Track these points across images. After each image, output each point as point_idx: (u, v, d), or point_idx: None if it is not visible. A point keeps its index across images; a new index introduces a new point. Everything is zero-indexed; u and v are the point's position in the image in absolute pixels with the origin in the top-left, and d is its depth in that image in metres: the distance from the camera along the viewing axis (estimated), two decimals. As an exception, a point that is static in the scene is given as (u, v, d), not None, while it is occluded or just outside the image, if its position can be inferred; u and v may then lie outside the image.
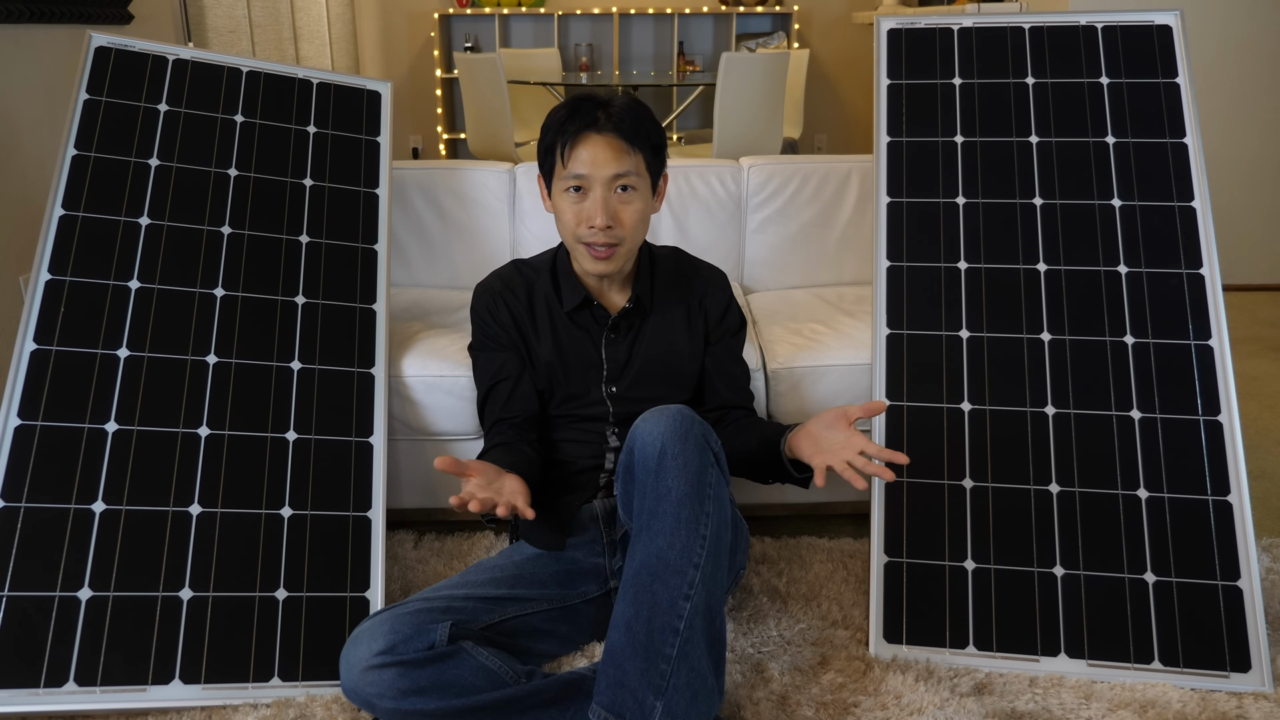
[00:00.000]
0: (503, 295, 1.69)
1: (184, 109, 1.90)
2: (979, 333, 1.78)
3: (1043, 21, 1.96)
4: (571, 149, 1.54)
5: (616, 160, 1.53)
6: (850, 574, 1.88)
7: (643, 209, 1.58)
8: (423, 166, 2.46)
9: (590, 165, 1.53)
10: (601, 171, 1.53)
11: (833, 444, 1.45)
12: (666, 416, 1.38)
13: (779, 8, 5.92)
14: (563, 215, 1.58)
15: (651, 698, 1.26)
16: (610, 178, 1.53)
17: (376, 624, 1.38)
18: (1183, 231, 1.80)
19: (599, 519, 1.63)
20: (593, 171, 1.53)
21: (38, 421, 1.61)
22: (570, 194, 1.56)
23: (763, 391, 1.95)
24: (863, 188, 2.44)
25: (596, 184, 1.53)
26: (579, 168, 1.53)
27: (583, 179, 1.54)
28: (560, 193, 1.58)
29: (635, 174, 1.55)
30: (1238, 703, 1.49)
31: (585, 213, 1.55)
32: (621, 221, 1.56)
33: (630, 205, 1.56)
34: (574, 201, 1.56)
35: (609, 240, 1.55)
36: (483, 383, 1.71)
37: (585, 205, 1.55)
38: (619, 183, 1.54)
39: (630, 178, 1.55)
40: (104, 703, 1.47)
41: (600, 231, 1.54)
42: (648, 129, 1.57)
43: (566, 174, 1.55)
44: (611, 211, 1.54)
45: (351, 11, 5.13)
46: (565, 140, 1.54)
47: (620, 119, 1.54)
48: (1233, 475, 1.65)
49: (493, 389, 1.68)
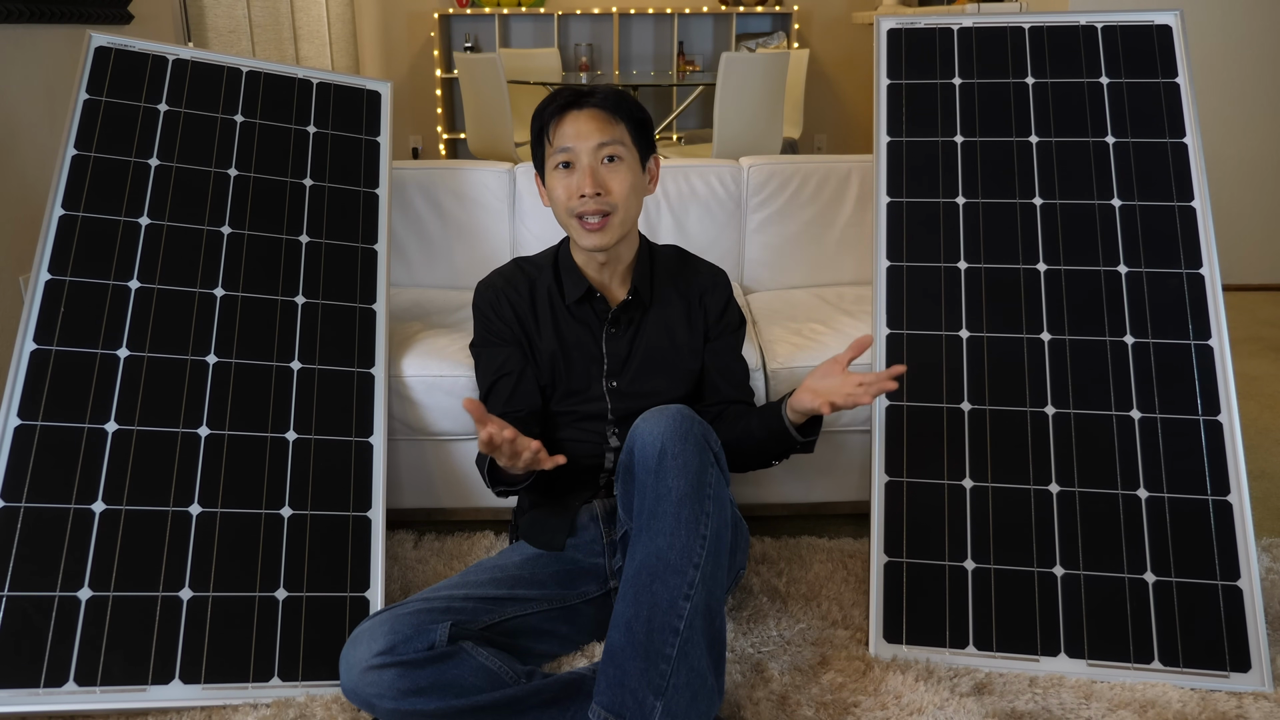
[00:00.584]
0: (505, 291, 1.70)
1: (184, 109, 1.90)
2: (979, 333, 1.78)
3: (1043, 21, 1.96)
4: (556, 126, 1.59)
5: (600, 130, 1.57)
6: (850, 574, 1.88)
7: (632, 180, 1.60)
8: (423, 166, 2.46)
9: (575, 138, 1.57)
10: (586, 142, 1.57)
11: (830, 387, 1.49)
12: (667, 416, 1.38)
13: (779, 8, 5.92)
14: (555, 193, 1.61)
15: (651, 697, 1.26)
16: (595, 147, 1.57)
17: (376, 624, 1.38)
18: (1183, 231, 1.80)
19: (599, 519, 1.63)
20: (577, 144, 1.57)
21: (38, 421, 1.61)
22: (560, 170, 1.60)
23: (762, 391, 1.95)
24: (863, 188, 2.44)
25: (583, 155, 1.57)
26: (564, 141, 1.58)
27: (569, 152, 1.58)
28: (551, 172, 1.61)
29: (620, 144, 1.58)
30: (1238, 703, 1.49)
31: (574, 184, 1.58)
32: (610, 189, 1.58)
33: (617, 174, 1.58)
34: (563, 177, 1.59)
35: (600, 208, 1.57)
36: (485, 379, 1.70)
37: (573, 178, 1.58)
38: (605, 152, 1.58)
39: (615, 147, 1.58)
40: (104, 703, 1.48)
41: (590, 200, 1.56)
42: (629, 105, 1.62)
43: (554, 150, 1.59)
44: (600, 180, 1.57)
45: (351, 11, 5.12)
46: (549, 118, 1.60)
47: (603, 96, 1.59)
48: (1233, 475, 1.65)
49: (495, 384, 1.68)
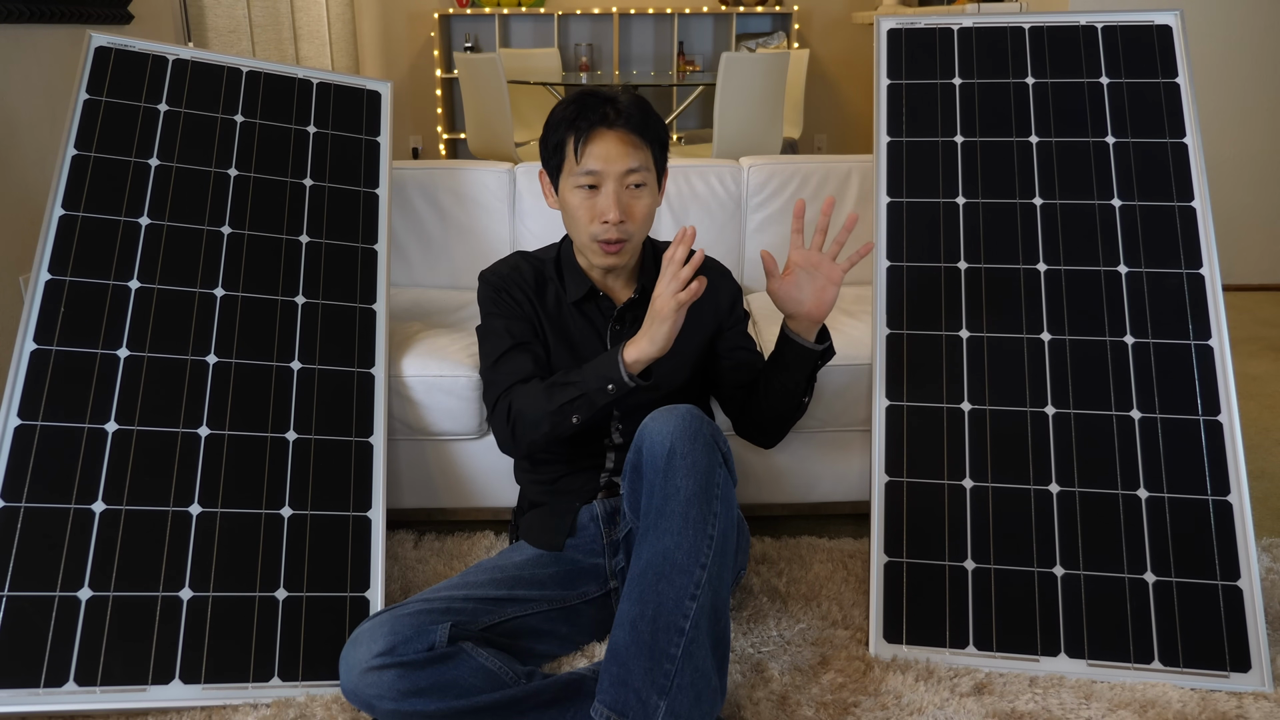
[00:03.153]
0: (513, 277, 1.69)
1: (184, 109, 1.90)
2: (979, 333, 1.78)
3: (1043, 21, 1.95)
4: (585, 145, 1.55)
5: (628, 156, 1.55)
6: (850, 574, 1.88)
7: (651, 203, 1.60)
8: (423, 166, 2.46)
9: (604, 161, 1.54)
10: (614, 167, 1.54)
11: (815, 286, 1.57)
12: (676, 416, 1.38)
13: (779, 8, 5.92)
14: (575, 212, 1.59)
15: (655, 697, 1.26)
16: (623, 173, 1.55)
17: (376, 625, 1.38)
18: (1183, 231, 1.80)
19: (599, 519, 1.63)
20: (606, 167, 1.54)
21: (38, 421, 1.61)
22: (583, 191, 1.57)
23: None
24: (863, 188, 2.44)
25: (609, 179, 1.55)
26: (593, 164, 1.55)
27: (596, 175, 1.55)
28: (571, 189, 1.58)
29: (645, 169, 1.57)
30: (1238, 703, 1.49)
31: (599, 208, 1.56)
32: (633, 216, 1.57)
33: (641, 200, 1.58)
34: (586, 198, 1.57)
35: (620, 235, 1.57)
36: (495, 350, 1.63)
37: (598, 201, 1.56)
38: (631, 179, 1.56)
39: (641, 173, 1.57)
40: (104, 703, 1.47)
41: (614, 227, 1.55)
42: (655, 125, 1.60)
43: (579, 170, 1.56)
44: (624, 206, 1.56)
45: (351, 11, 5.12)
46: (579, 136, 1.55)
47: (630, 114, 1.56)
48: (1233, 475, 1.65)
49: (505, 355, 1.61)
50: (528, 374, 1.59)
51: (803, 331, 1.61)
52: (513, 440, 1.58)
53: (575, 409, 1.50)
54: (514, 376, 1.59)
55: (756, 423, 1.75)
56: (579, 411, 1.50)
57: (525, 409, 1.54)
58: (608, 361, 1.49)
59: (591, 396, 1.49)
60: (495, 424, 1.61)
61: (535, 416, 1.53)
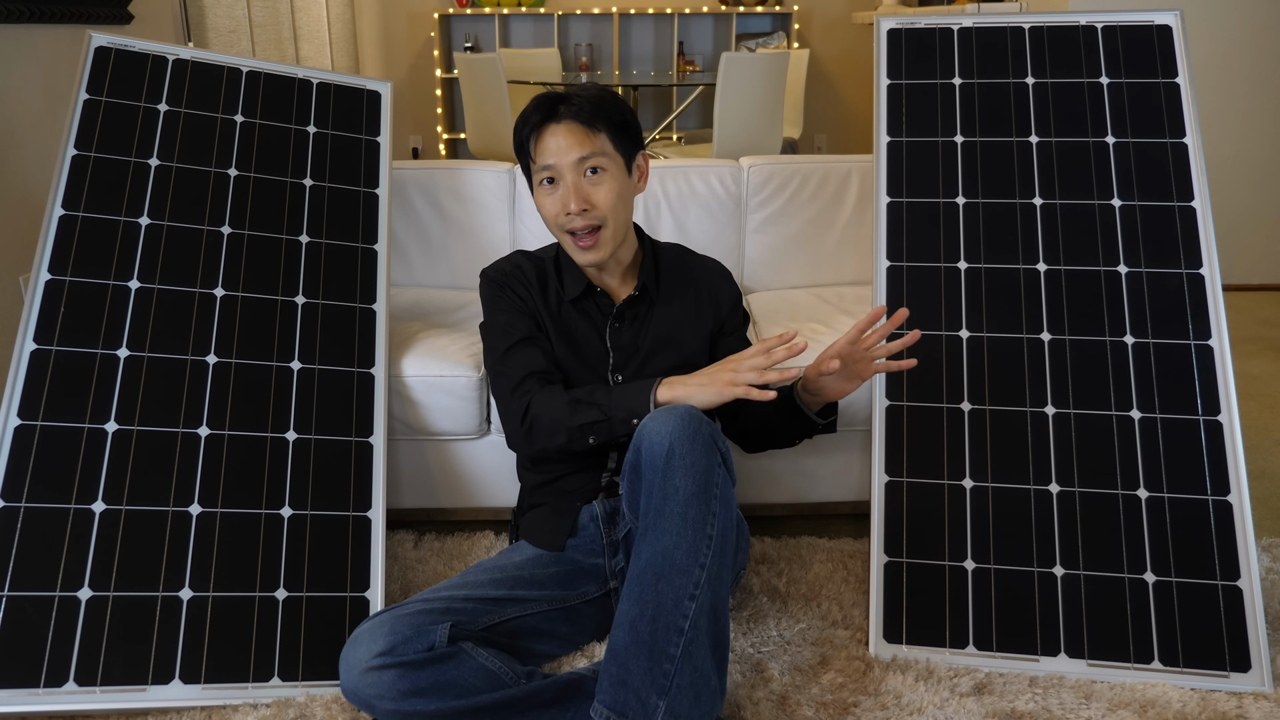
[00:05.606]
0: (515, 274, 1.70)
1: (184, 109, 1.90)
2: (979, 333, 1.78)
3: (1043, 21, 1.96)
4: (536, 142, 1.59)
5: (579, 143, 1.57)
6: (850, 574, 1.88)
7: (617, 189, 1.60)
8: (423, 166, 2.46)
9: (556, 154, 1.57)
10: (566, 158, 1.57)
11: (843, 375, 1.53)
12: (675, 416, 1.38)
13: (779, 8, 5.92)
14: (543, 210, 1.63)
15: (655, 697, 1.26)
16: (576, 162, 1.57)
17: (376, 625, 1.38)
18: (1183, 231, 1.80)
19: (599, 519, 1.63)
20: (559, 160, 1.57)
21: (38, 421, 1.61)
22: (545, 186, 1.61)
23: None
24: (863, 188, 2.44)
25: (565, 171, 1.57)
26: (546, 158, 1.58)
27: (552, 168, 1.58)
28: (537, 188, 1.63)
29: (601, 154, 1.58)
30: (1238, 703, 1.49)
31: (560, 201, 1.58)
32: (595, 203, 1.58)
33: (601, 186, 1.58)
34: (549, 194, 1.60)
35: (588, 224, 1.58)
36: (501, 344, 1.63)
37: (558, 194, 1.59)
38: (586, 165, 1.57)
39: (596, 159, 1.57)
40: (104, 703, 1.47)
41: (577, 216, 1.57)
42: (607, 110, 1.59)
43: (538, 167, 1.60)
44: (584, 195, 1.57)
45: (351, 11, 5.12)
46: (529, 134, 1.60)
47: (579, 106, 1.58)
48: (1233, 475, 1.65)
49: (514, 346, 1.62)
50: (540, 366, 1.60)
51: (812, 405, 1.62)
52: (525, 441, 1.58)
53: (594, 431, 1.51)
54: (526, 368, 1.60)
55: (741, 429, 1.75)
56: (597, 435, 1.51)
57: (544, 415, 1.54)
58: (637, 396, 1.49)
59: (613, 425, 1.50)
60: (508, 420, 1.60)
61: (553, 426, 1.53)
